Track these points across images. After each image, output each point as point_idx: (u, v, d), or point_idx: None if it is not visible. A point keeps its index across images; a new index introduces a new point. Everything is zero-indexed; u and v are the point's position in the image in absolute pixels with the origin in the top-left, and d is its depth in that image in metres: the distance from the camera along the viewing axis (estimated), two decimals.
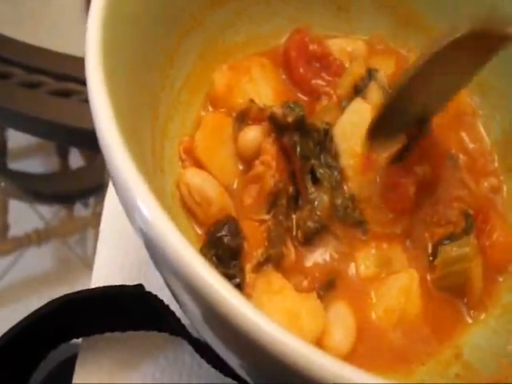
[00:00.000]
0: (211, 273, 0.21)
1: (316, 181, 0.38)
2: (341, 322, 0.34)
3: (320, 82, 0.44)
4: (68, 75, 0.54)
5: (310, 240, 0.37)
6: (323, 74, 0.44)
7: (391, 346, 0.35)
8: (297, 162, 0.38)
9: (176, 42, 0.40)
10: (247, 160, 0.39)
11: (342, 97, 0.42)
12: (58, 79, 0.53)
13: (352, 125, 0.40)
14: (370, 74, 0.44)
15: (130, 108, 0.30)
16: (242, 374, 0.28)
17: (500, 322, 0.37)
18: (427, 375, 0.34)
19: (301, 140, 0.38)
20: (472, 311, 0.37)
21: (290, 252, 0.36)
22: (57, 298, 0.34)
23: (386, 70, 0.47)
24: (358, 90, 0.43)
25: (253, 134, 0.39)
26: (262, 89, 0.43)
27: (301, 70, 0.44)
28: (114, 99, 0.26)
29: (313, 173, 0.38)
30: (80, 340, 0.38)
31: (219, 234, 0.34)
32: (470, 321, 0.37)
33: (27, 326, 0.33)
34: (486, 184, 0.43)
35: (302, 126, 0.38)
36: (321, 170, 0.38)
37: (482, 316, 0.37)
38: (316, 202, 0.37)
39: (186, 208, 0.36)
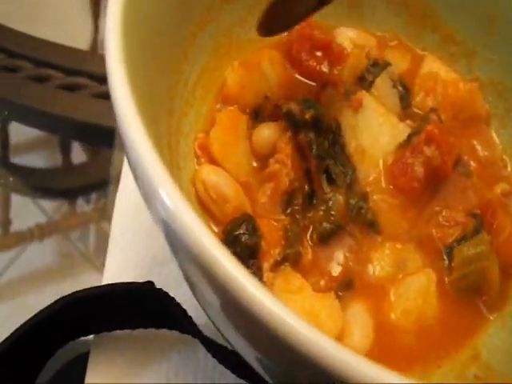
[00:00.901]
0: (232, 261, 0.20)
1: (331, 181, 0.38)
2: (359, 323, 0.34)
3: (324, 69, 0.44)
4: (77, 69, 0.53)
5: (325, 241, 0.36)
6: (326, 62, 0.44)
7: (407, 348, 0.35)
8: (312, 161, 0.37)
9: (191, 37, 0.39)
10: (262, 158, 0.39)
11: (346, 85, 0.42)
12: (66, 73, 0.53)
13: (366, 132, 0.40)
14: (378, 64, 0.44)
15: (149, 103, 0.30)
16: (259, 369, 0.27)
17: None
18: (445, 377, 0.34)
19: (316, 139, 0.38)
20: (489, 311, 0.37)
21: (308, 251, 0.35)
22: (65, 296, 0.34)
23: (400, 65, 0.46)
24: (362, 80, 0.43)
25: (268, 132, 0.39)
26: (274, 84, 0.42)
27: (304, 61, 0.43)
28: (134, 92, 0.25)
29: (328, 172, 0.38)
30: (88, 338, 0.37)
31: (237, 233, 0.33)
32: (487, 321, 0.37)
33: (35, 324, 0.33)
34: (498, 190, 0.43)
35: (318, 124, 0.38)
36: (336, 170, 0.38)
37: (500, 316, 0.37)
38: (331, 202, 0.37)
39: (202, 205, 0.36)
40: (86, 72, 0.53)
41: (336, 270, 0.36)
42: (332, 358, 0.19)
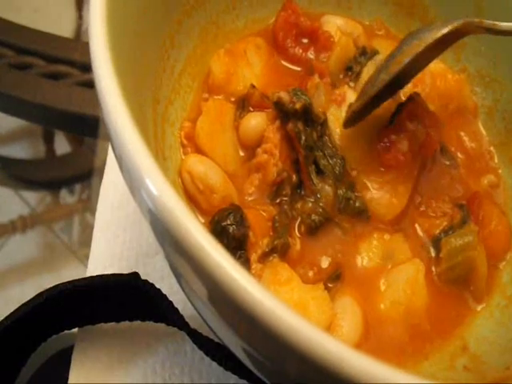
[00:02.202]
0: (219, 250, 0.20)
1: (319, 172, 0.37)
2: (348, 315, 0.33)
3: (311, 56, 0.43)
4: (59, 57, 0.52)
5: (313, 232, 0.36)
6: (312, 49, 0.44)
7: (396, 339, 0.35)
8: (301, 151, 0.37)
9: (177, 23, 0.38)
10: (249, 147, 0.38)
11: (333, 76, 0.42)
12: (49, 61, 0.51)
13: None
14: (367, 53, 0.43)
15: (134, 91, 0.29)
16: (245, 359, 0.27)
17: (506, 314, 0.37)
18: (433, 367, 0.34)
19: (305, 130, 0.37)
20: (477, 302, 0.37)
21: (296, 242, 0.35)
22: (48, 289, 0.33)
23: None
24: (349, 69, 0.43)
25: (255, 122, 0.38)
26: (259, 71, 0.42)
27: (289, 48, 0.43)
28: (120, 79, 0.25)
29: (316, 163, 0.37)
30: (72, 332, 0.37)
31: (224, 224, 0.33)
32: (474, 312, 0.37)
33: (17, 319, 0.32)
34: (485, 181, 0.43)
35: (307, 115, 0.37)
36: (324, 162, 0.37)
37: (487, 307, 0.37)
38: (319, 194, 0.36)
39: (188, 196, 0.35)
40: (69, 60, 0.52)
41: (325, 262, 0.35)
42: (318, 346, 0.18)
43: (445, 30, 0.34)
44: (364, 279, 0.36)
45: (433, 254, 0.38)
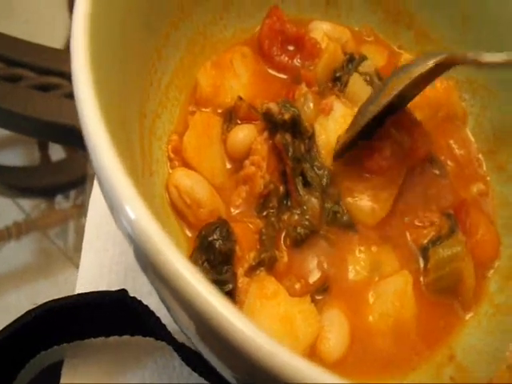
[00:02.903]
0: (199, 279, 0.19)
1: (306, 184, 0.37)
2: (335, 327, 0.34)
3: (297, 64, 0.43)
4: (50, 69, 0.52)
5: (299, 245, 0.36)
6: (298, 56, 0.43)
7: (383, 351, 0.35)
8: (288, 163, 0.37)
9: (164, 36, 0.38)
10: (236, 160, 0.38)
11: (320, 84, 0.42)
12: (39, 73, 0.51)
13: (334, 132, 0.40)
14: (354, 60, 0.43)
15: (118, 105, 0.29)
16: (231, 379, 0.27)
17: (493, 323, 0.37)
18: (420, 377, 0.34)
19: (293, 141, 0.37)
20: (465, 311, 0.37)
21: (283, 255, 0.35)
22: (37, 307, 0.33)
23: (377, 62, 0.46)
24: (336, 78, 0.43)
25: (242, 134, 0.38)
26: (246, 80, 0.42)
27: (275, 56, 0.43)
28: (101, 96, 0.25)
29: (303, 175, 0.37)
30: (61, 347, 0.37)
31: (210, 238, 0.33)
32: (462, 321, 0.37)
33: (7, 336, 0.32)
34: (474, 189, 0.43)
35: (296, 126, 0.37)
36: (311, 174, 0.37)
37: (475, 316, 0.37)
38: (305, 206, 0.36)
39: (176, 210, 0.35)
40: (59, 71, 0.52)
41: (312, 274, 0.35)
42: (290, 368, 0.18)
43: (430, 65, 0.36)
44: (352, 292, 0.36)
45: (421, 264, 0.38)
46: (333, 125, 0.39)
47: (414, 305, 0.36)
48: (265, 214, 0.36)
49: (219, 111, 0.40)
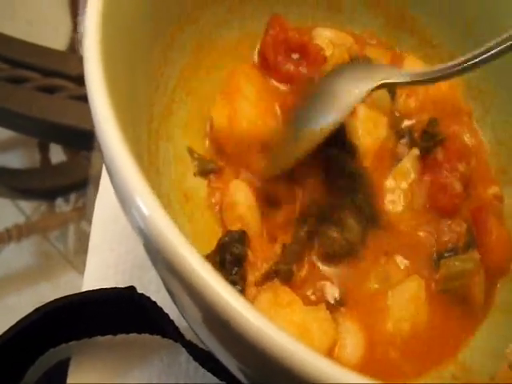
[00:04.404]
0: (210, 272, 0.20)
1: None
2: (351, 336, 0.34)
3: (303, 71, 0.43)
4: (54, 70, 0.52)
5: (329, 260, 0.36)
6: (304, 64, 0.43)
7: (397, 359, 0.35)
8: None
9: (170, 39, 0.39)
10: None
11: None
12: (44, 74, 0.52)
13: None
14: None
15: (127, 107, 0.29)
16: (241, 377, 0.27)
17: (501, 326, 0.37)
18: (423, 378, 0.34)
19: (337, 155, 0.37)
20: (473, 320, 0.37)
21: (303, 269, 0.35)
22: (46, 304, 0.33)
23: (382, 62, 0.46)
24: None
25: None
26: (255, 100, 0.41)
27: (281, 65, 0.43)
28: (113, 98, 0.25)
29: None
30: (69, 344, 0.37)
31: (226, 239, 0.34)
32: (471, 328, 0.37)
33: (16, 334, 0.32)
34: (490, 191, 0.43)
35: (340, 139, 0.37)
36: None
37: (486, 321, 0.37)
38: (346, 226, 0.36)
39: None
40: (64, 73, 0.52)
41: (329, 287, 0.35)
42: (311, 368, 0.19)
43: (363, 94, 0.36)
44: (366, 301, 0.36)
45: (434, 270, 0.37)
46: (361, 129, 0.40)
47: (428, 308, 0.36)
48: (298, 230, 0.36)
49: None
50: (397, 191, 0.39)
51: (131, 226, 0.25)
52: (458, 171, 0.38)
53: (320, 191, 0.37)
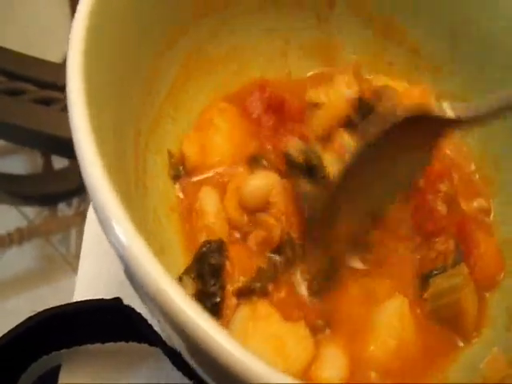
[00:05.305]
0: (186, 301, 0.20)
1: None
2: (332, 357, 0.33)
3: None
4: (51, 83, 0.53)
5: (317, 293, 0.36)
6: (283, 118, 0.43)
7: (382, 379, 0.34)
8: (304, 216, 0.37)
9: (159, 55, 0.39)
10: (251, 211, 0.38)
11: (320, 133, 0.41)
12: (41, 87, 0.53)
13: None
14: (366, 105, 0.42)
15: (110, 121, 0.30)
16: None
17: (489, 342, 0.37)
18: None
19: (311, 193, 0.37)
20: (465, 341, 0.36)
21: (282, 290, 0.35)
22: (35, 314, 0.35)
23: None
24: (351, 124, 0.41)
25: (259, 183, 0.38)
26: (228, 133, 0.42)
27: (263, 123, 0.42)
28: (93, 112, 0.26)
29: None
30: (59, 352, 0.38)
31: (203, 250, 0.35)
32: (461, 348, 0.36)
33: (7, 343, 0.34)
34: (475, 204, 0.42)
35: (313, 171, 0.37)
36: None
37: (475, 340, 0.37)
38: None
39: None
40: (61, 85, 0.54)
41: (311, 307, 0.35)
42: None
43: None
44: (351, 323, 0.35)
45: (420, 291, 0.37)
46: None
47: (413, 325, 0.35)
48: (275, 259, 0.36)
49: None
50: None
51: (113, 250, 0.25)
52: (441, 192, 0.38)
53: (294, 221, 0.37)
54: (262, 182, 0.38)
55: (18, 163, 1.22)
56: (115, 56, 0.32)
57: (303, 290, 0.36)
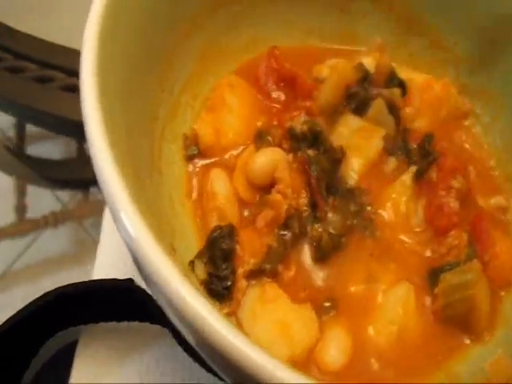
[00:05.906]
0: (192, 293, 0.21)
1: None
2: (337, 339, 0.34)
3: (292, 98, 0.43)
4: (78, 70, 0.55)
5: (323, 258, 0.36)
6: (291, 95, 0.43)
7: (384, 367, 0.34)
8: (313, 179, 0.37)
9: (176, 45, 0.40)
10: (258, 188, 0.38)
11: (326, 108, 0.42)
12: (70, 74, 0.55)
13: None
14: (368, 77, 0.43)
15: (124, 109, 0.30)
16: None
17: (499, 341, 0.36)
18: None
19: (316, 158, 0.38)
20: (475, 340, 0.36)
21: (291, 270, 0.36)
22: (51, 290, 0.36)
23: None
24: (350, 96, 0.42)
25: (265, 159, 0.38)
26: (240, 112, 0.42)
27: (271, 93, 0.43)
28: (105, 102, 0.26)
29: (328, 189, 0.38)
30: (76, 328, 0.40)
31: (214, 235, 0.35)
32: (469, 346, 0.36)
33: (25, 316, 0.35)
34: (493, 201, 0.42)
35: (318, 141, 0.38)
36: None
37: (486, 338, 0.36)
38: (330, 216, 0.37)
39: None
40: None
41: (318, 287, 0.36)
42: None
43: None
44: (356, 305, 0.35)
45: (430, 287, 0.36)
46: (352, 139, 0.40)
47: (416, 316, 0.35)
48: (284, 235, 0.36)
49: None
50: (393, 204, 0.39)
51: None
52: (453, 188, 0.38)
53: (302, 194, 0.37)
54: (268, 158, 0.38)
55: (53, 148, 1.26)
56: (130, 45, 0.33)
57: (309, 259, 0.36)
